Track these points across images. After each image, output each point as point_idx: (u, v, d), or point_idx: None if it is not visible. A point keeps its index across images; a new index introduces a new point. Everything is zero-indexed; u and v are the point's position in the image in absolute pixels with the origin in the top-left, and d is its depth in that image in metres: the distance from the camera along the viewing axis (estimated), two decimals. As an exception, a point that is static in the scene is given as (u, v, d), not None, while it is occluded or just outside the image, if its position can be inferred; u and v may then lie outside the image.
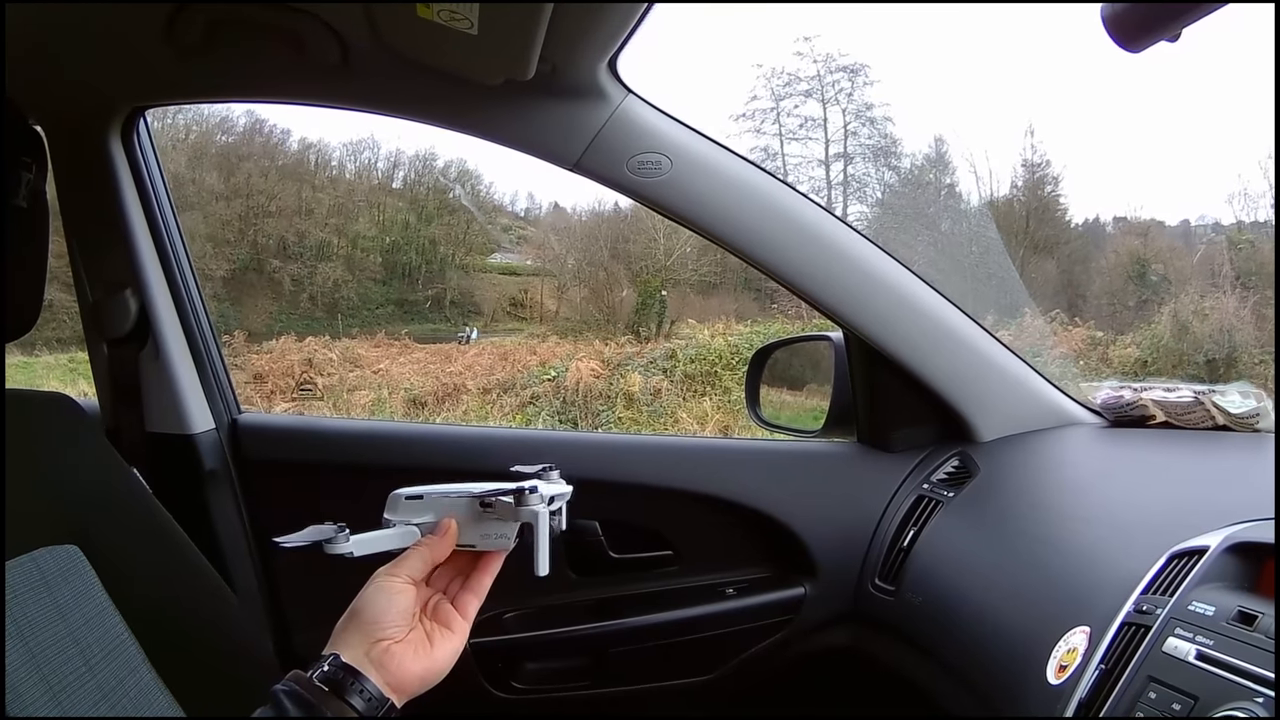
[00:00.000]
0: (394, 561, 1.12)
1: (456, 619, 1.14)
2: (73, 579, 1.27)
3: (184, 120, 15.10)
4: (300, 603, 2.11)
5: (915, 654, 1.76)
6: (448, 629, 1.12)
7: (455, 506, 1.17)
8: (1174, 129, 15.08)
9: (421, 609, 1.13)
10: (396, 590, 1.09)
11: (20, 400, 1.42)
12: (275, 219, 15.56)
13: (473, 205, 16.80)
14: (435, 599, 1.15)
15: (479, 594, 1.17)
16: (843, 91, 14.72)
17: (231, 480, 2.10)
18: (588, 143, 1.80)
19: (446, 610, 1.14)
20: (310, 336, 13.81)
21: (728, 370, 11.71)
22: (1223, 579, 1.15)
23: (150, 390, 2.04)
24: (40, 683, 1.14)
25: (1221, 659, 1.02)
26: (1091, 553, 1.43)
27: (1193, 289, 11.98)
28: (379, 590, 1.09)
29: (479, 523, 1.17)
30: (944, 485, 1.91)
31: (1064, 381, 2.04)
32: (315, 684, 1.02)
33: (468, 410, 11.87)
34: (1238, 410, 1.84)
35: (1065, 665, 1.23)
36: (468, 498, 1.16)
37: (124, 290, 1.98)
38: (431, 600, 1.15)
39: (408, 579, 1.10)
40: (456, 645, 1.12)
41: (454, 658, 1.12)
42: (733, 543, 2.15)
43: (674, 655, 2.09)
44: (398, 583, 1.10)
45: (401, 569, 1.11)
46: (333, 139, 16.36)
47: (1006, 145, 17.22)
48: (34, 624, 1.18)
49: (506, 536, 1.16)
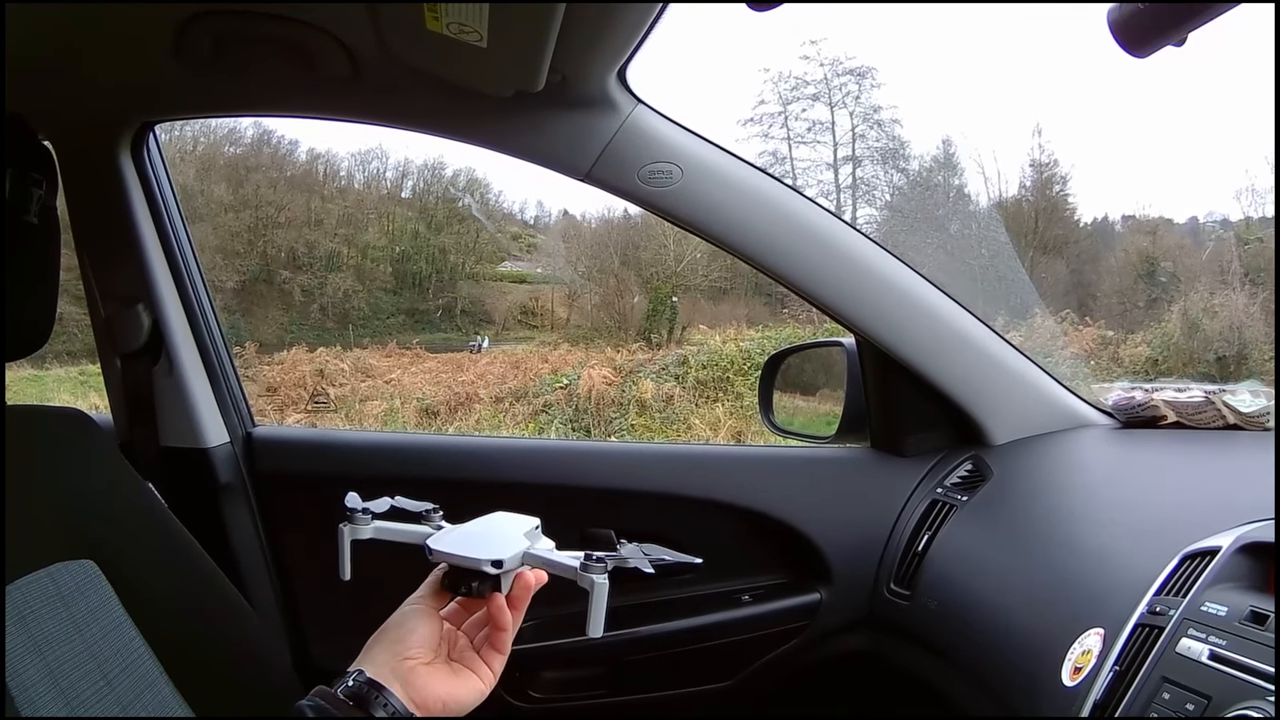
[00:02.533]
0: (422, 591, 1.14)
1: (482, 667, 1.15)
2: (89, 594, 1.28)
3: (191, 132, 15.12)
4: (317, 617, 2.12)
5: (931, 657, 1.77)
6: (472, 672, 1.13)
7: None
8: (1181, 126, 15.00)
9: (449, 645, 1.14)
10: (425, 614, 1.11)
11: (35, 416, 1.43)
12: (284, 230, 15.56)
13: (482, 214, 16.81)
14: (461, 642, 1.16)
15: (502, 651, 1.18)
16: (850, 94, 14.69)
17: (247, 494, 2.10)
18: (598, 153, 1.81)
19: (472, 657, 1.15)
20: (321, 347, 13.82)
21: (740, 376, 11.70)
22: (1235, 579, 1.15)
23: (164, 404, 2.05)
24: (59, 698, 1.15)
25: (1234, 659, 1.03)
26: (1105, 554, 1.43)
27: (1202, 286, 11.94)
28: (409, 613, 1.12)
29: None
30: (958, 489, 1.91)
31: (1075, 382, 2.04)
32: (339, 698, 1.02)
33: (480, 419, 11.87)
34: (1248, 409, 1.84)
35: (1080, 667, 1.24)
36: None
37: (136, 304, 1.99)
38: (458, 641, 1.16)
39: (435, 608, 1.13)
40: (481, 689, 1.13)
41: (478, 699, 1.13)
42: (748, 549, 2.15)
43: (691, 662, 2.09)
44: (426, 609, 1.12)
45: (431, 599, 1.13)
46: (341, 149, 16.45)
47: (1014, 146, 17.18)
48: (51, 640, 1.19)
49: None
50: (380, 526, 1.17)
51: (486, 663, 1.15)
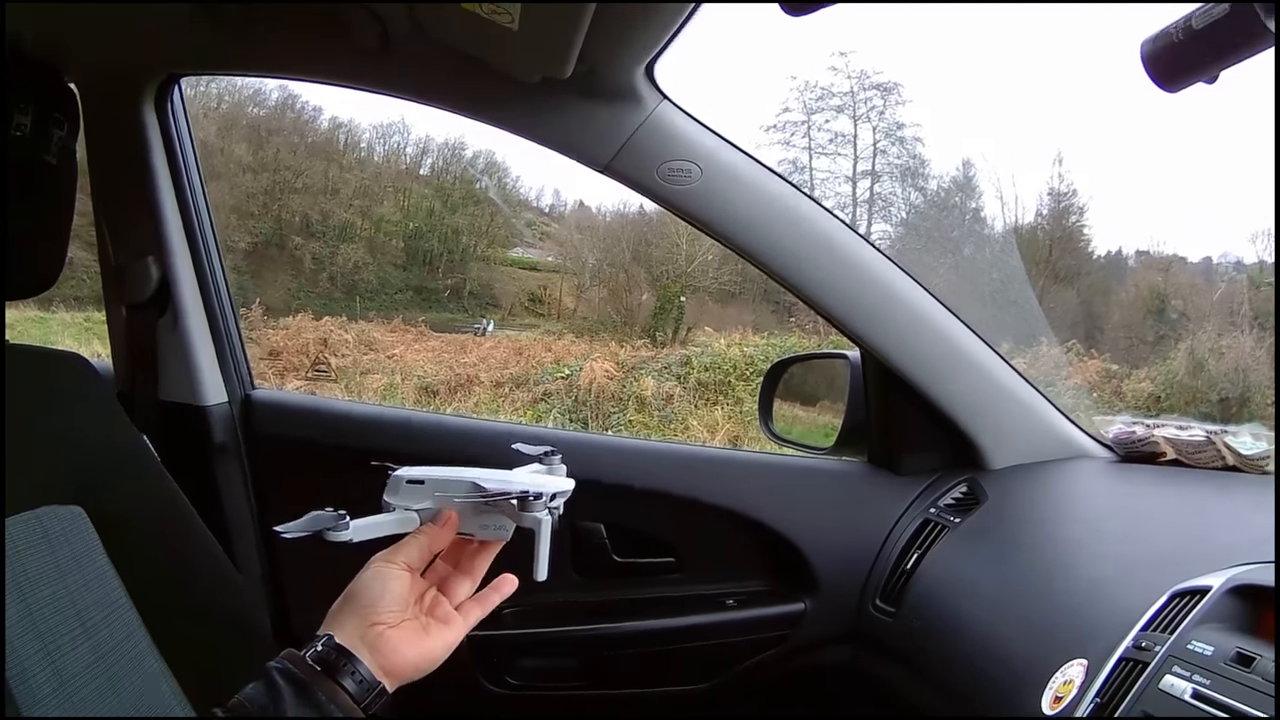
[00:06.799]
0: (392, 548, 1.12)
1: (455, 617, 1.14)
2: (74, 539, 1.28)
3: (216, 89, 15.17)
4: (301, 581, 2.12)
5: (912, 676, 1.76)
6: (444, 624, 1.12)
7: (456, 494, 1.17)
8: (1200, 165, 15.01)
9: (418, 601, 1.13)
10: (393, 576, 1.09)
11: (34, 356, 1.43)
12: (301, 196, 15.60)
13: (499, 198, 16.82)
14: (432, 595, 1.15)
15: (485, 608, 1.18)
16: (874, 109, 14.73)
17: (240, 455, 2.11)
18: (620, 146, 1.80)
19: (445, 608, 1.14)
20: (327, 316, 13.84)
21: (741, 381, 11.68)
22: (1223, 619, 1.15)
23: (166, 358, 2.06)
24: (35, 639, 1.15)
25: (1217, 699, 1.03)
26: (1094, 586, 1.43)
27: (1211, 327, 11.95)
28: (375, 575, 1.09)
29: (478, 513, 1.17)
30: (951, 510, 1.90)
31: (1076, 413, 2.04)
32: (308, 663, 1.02)
33: (479, 402, 11.87)
34: (1249, 451, 1.84)
35: (1061, 696, 1.24)
36: (468, 486, 1.16)
37: (147, 256, 2.00)
38: (429, 594, 1.15)
39: (404, 565, 1.10)
40: (451, 640, 1.12)
41: (448, 650, 1.12)
42: (736, 554, 2.15)
43: (670, 662, 2.09)
44: (394, 569, 1.10)
45: (399, 555, 1.11)
46: (363, 120, 16.45)
47: (1034, 173, 17.14)
48: (33, 580, 1.19)
49: (505, 529, 1.17)
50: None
51: (463, 615, 1.15)
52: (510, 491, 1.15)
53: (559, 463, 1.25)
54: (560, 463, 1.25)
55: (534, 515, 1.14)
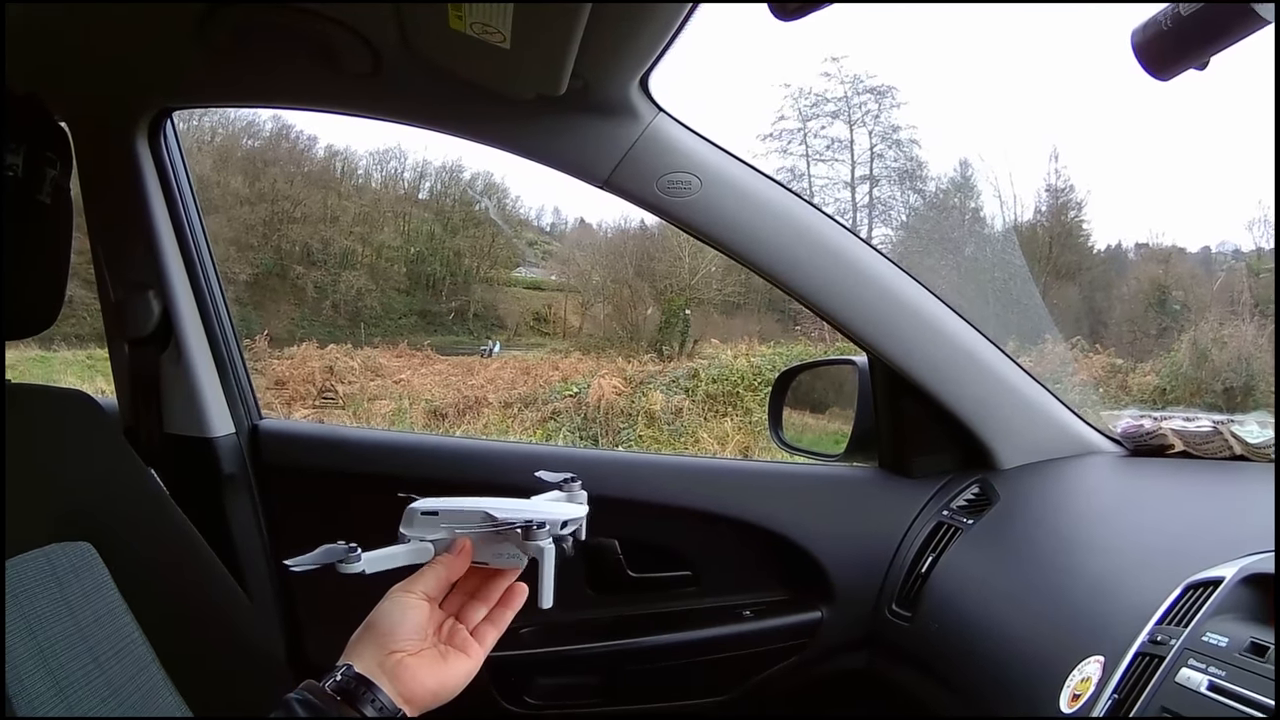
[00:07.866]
0: (410, 578, 1.13)
1: (473, 645, 1.14)
2: (84, 576, 1.28)
3: (210, 123, 15.19)
4: (314, 610, 2.12)
5: (930, 680, 1.76)
6: (463, 653, 1.13)
7: (469, 525, 1.17)
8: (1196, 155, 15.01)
9: (437, 631, 1.13)
10: (411, 605, 1.10)
11: (39, 395, 1.43)
12: (300, 225, 15.58)
13: (500, 219, 16.83)
14: (450, 624, 1.16)
15: (499, 626, 1.18)
16: (870, 113, 14.70)
17: (250, 485, 2.11)
18: (618, 160, 1.80)
19: (463, 635, 1.15)
20: (332, 344, 13.82)
21: (749, 391, 11.66)
22: (1237, 610, 1.15)
23: (170, 392, 2.05)
24: (47, 677, 1.15)
25: (1233, 690, 1.03)
26: (1108, 582, 1.43)
27: (1212, 316, 11.94)
28: (394, 604, 1.10)
29: (491, 542, 1.18)
30: (963, 512, 1.90)
31: (1084, 409, 2.03)
32: (327, 693, 1.02)
33: (488, 424, 11.85)
34: (1256, 440, 1.83)
35: (1079, 694, 1.23)
36: (481, 516, 1.17)
37: (147, 291, 2.00)
38: (446, 624, 1.15)
39: (423, 595, 1.11)
40: (471, 667, 1.13)
41: (468, 677, 1.12)
42: (751, 565, 2.14)
43: (688, 676, 2.09)
44: (413, 598, 1.10)
45: (417, 585, 1.12)
46: (359, 147, 16.43)
47: (1031, 170, 17.16)
48: (43, 619, 1.19)
49: (518, 556, 1.17)
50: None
51: (479, 639, 1.15)
52: (514, 521, 1.16)
53: (579, 489, 1.26)
54: (580, 489, 1.25)
55: (536, 544, 1.15)
